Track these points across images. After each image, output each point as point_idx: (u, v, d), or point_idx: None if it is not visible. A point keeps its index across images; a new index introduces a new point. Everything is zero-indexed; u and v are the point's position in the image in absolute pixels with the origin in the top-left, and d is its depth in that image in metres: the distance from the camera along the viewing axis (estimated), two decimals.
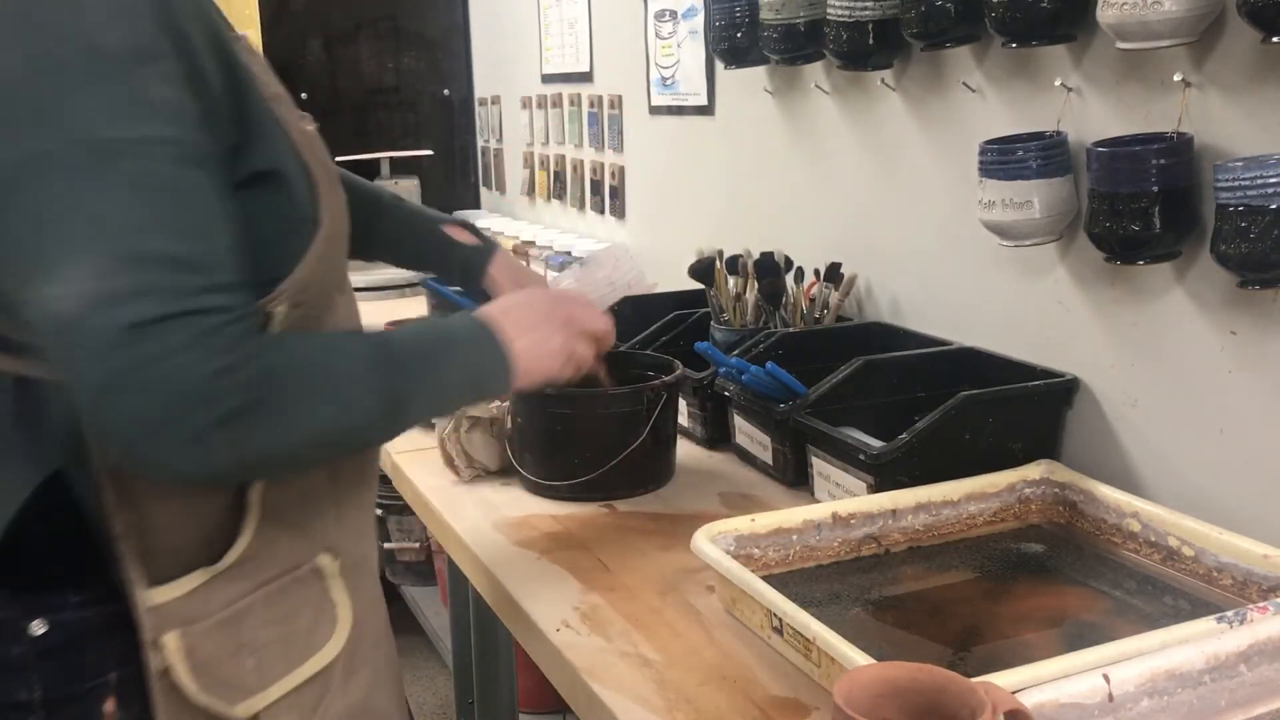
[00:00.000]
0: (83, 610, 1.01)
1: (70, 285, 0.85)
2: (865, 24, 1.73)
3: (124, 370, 0.85)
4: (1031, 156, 1.46)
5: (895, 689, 0.91)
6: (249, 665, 1.04)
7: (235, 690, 1.04)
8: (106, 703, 1.01)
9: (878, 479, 1.46)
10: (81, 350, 0.86)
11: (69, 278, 0.86)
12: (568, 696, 1.23)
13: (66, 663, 1.00)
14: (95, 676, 1.01)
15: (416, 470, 1.79)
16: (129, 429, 0.87)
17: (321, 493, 1.11)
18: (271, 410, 0.92)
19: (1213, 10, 1.27)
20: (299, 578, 1.09)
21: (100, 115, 0.88)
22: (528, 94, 3.42)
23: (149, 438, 0.87)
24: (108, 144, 0.88)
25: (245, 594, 1.04)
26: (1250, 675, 1.01)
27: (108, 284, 0.86)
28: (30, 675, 0.99)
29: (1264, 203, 1.19)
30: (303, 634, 1.09)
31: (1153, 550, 1.34)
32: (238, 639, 1.04)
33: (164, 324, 0.86)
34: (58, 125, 0.87)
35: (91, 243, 0.87)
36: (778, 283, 1.94)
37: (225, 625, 1.03)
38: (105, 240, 0.87)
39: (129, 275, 0.86)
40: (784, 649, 1.18)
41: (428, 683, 3.20)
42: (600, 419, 1.62)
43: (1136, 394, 1.48)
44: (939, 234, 1.79)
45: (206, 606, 1.02)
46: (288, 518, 1.07)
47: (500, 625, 1.89)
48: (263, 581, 1.06)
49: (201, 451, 0.89)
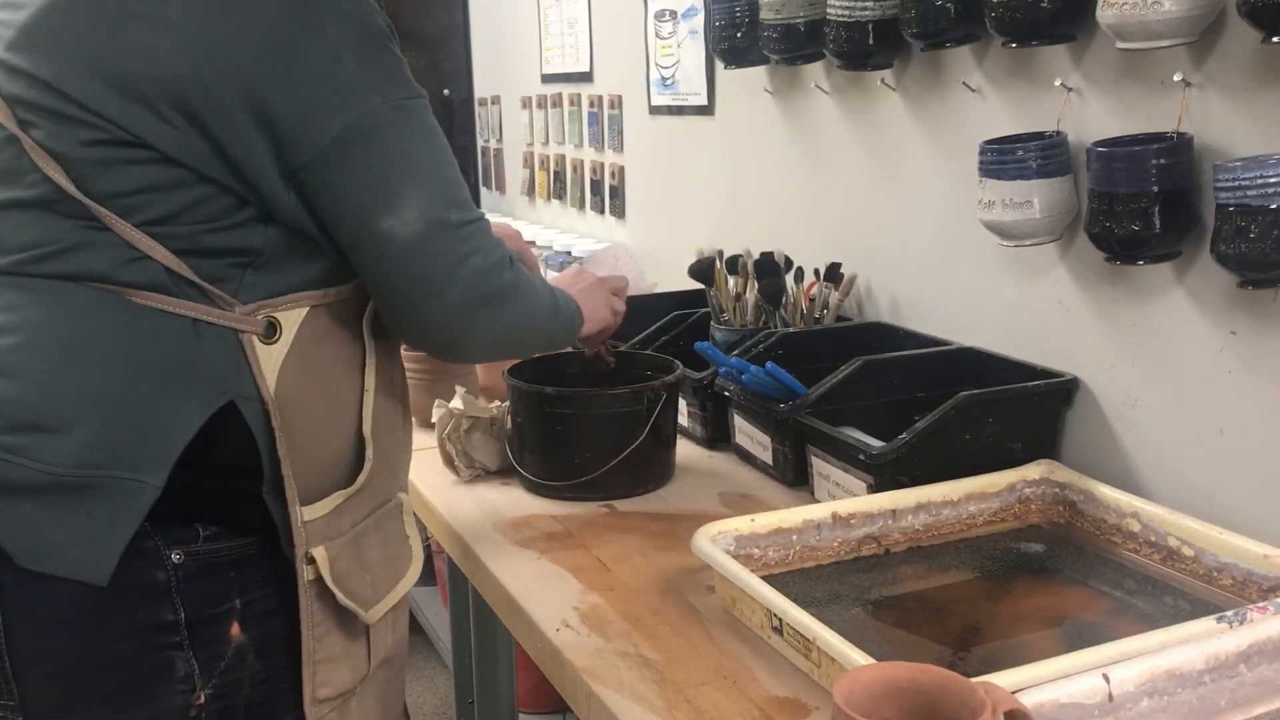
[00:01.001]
0: (209, 545, 1.15)
1: (414, 210, 1.15)
2: (865, 24, 1.73)
3: (452, 266, 1.18)
4: (1031, 156, 1.46)
5: (895, 689, 0.91)
6: (367, 580, 1.23)
7: (361, 600, 1.22)
8: (233, 626, 1.17)
9: (878, 479, 1.46)
10: (426, 258, 1.16)
11: (413, 205, 1.15)
12: (568, 696, 1.23)
13: (201, 589, 1.15)
14: (223, 602, 1.16)
15: (416, 470, 1.77)
16: (458, 312, 1.20)
17: (400, 437, 1.32)
18: (524, 291, 1.28)
19: (1213, 10, 1.27)
20: (390, 510, 1.29)
21: (392, 80, 1.15)
22: (528, 94, 3.42)
23: (470, 315, 1.21)
24: (404, 102, 1.15)
25: (364, 517, 1.24)
26: (1250, 675, 1.01)
27: (435, 205, 1.17)
28: (174, 598, 1.13)
29: (1264, 203, 1.19)
30: (395, 559, 1.29)
31: (1153, 550, 1.34)
32: (360, 556, 1.23)
33: (467, 228, 1.19)
34: (373, 92, 1.13)
35: (418, 177, 1.16)
36: (778, 283, 1.94)
37: (352, 544, 1.22)
38: (425, 174, 1.17)
39: (443, 198, 1.18)
40: (784, 649, 1.18)
41: (428, 683, 3.20)
42: (600, 419, 1.62)
43: (1136, 394, 1.48)
44: (939, 234, 1.79)
45: (340, 525, 1.20)
46: (386, 454, 1.27)
47: (500, 625, 1.89)
48: (373, 508, 1.25)
49: (496, 320, 1.24)
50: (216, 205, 1.11)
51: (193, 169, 1.09)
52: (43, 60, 1.10)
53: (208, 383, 1.13)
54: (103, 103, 1.08)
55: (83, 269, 1.11)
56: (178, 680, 1.14)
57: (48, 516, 1.10)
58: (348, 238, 1.16)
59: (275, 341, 1.15)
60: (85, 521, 1.10)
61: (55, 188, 1.10)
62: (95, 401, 1.11)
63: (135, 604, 1.12)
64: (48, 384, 1.11)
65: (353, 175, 1.13)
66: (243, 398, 1.14)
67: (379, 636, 1.26)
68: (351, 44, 1.12)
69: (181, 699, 1.14)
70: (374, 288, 1.20)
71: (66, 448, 1.10)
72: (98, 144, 1.08)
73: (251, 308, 1.14)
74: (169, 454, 1.11)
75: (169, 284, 1.11)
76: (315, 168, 1.11)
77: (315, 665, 1.19)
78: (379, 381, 1.25)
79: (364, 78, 1.12)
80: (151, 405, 1.11)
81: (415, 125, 1.17)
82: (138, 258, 1.10)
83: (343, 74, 1.11)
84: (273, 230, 1.14)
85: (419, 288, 1.18)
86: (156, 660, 1.13)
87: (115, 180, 1.09)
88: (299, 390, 1.16)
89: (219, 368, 1.13)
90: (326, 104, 1.11)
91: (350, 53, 1.12)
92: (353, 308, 1.22)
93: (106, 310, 1.11)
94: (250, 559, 1.17)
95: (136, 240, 1.10)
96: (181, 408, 1.12)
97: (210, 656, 1.15)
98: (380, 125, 1.13)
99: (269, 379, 1.14)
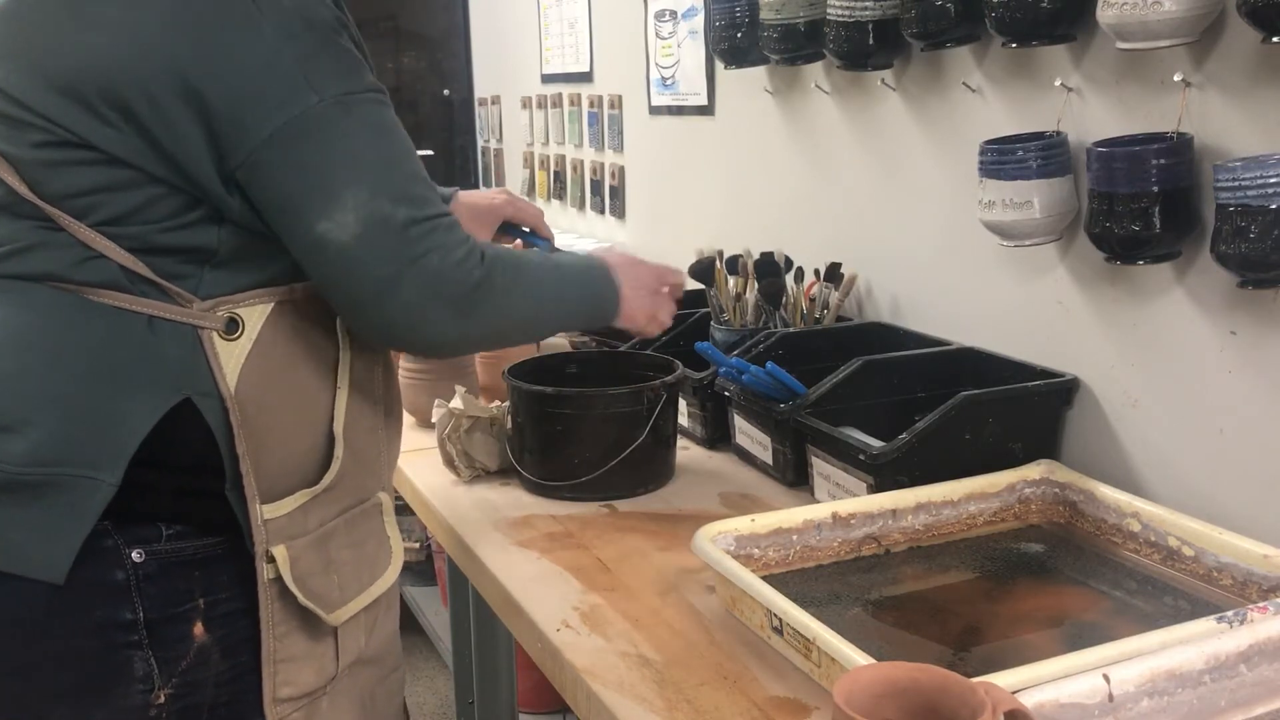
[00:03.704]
0: (172, 544, 1.14)
1: (351, 212, 1.09)
2: (865, 24, 1.73)
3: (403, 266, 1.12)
4: (1031, 156, 1.46)
5: (895, 689, 0.91)
6: (334, 581, 1.21)
7: (325, 601, 1.20)
8: (196, 625, 1.15)
9: (878, 479, 1.46)
10: (369, 259, 1.11)
11: (350, 206, 1.09)
12: (568, 696, 1.23)
13: (163, 588, 1.14)
14: (186, 602, 1.15)
15: (416, 470, 1.79)
16: (411, 313, 1.14)
17: (379, 436, 1.29)
18: (499, 287, 1.20)
19: (1213, 10, 1.27)
20: (366, 509, 1.27)
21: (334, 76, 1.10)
22: (528, 94, 3.42)
23: (425, 316, 1.15)
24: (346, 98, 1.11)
25: (332, 517, 1.22)
26: (1250, 675, 1.01)
27: (377, 205, 1.11)
28: (133, 597, 1.13)
29: (1264, 203, 1.19)
30: (369, 560, 1.27)
31: (1153, 550, 1.34)
32: (326, 556, 1.21)
33: (419, 226, 1.13)
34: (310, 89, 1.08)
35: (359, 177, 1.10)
36: (778, 283, 1.94)
37: (318, 543, 1.20)
38: (367, 173, 1.11)
39: (388, 196, 1.11)
40: (784, 649, 1.18)
41: (428, 683, 3.20)
42: (600, 419, 1.62)
43: (1136, 394, 1.48)
44: (939, 234, 1.79)
45: (305, 524, 1.19)
46: (360, 453, 1.25)
47: (500, 625, 1.90)
48: (344, 508, 1.23)
49: (459, 321, 1.17)
50: (169, 205, 1.10)
51: (140, 169, 1.09)
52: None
53: (163, 380, 1.12)
54: (47, 105, 1.08)
55: (39, 269, 1.11)
56: (136, 679, 1.13)
57: (4, 515, 1.10)
58: (287, 241, 1.13)
59: (237, 338, 1.13)
60: (41, 520, 1.10)
61: (9, 189, 1.10)
62: (51, 400, 1.11)
63: (93, 602, 1.12)
64: (4, 383, 1.11)
65: (287, 177, 1.09)
66: (200, 394, 1.12)
67: (349, 637, 1.25)
68: (291, 38, 1.09)
69: (140, 698, 1.14)
70: (322, 291, 1.17)
71: (22, 446, 1.10)
72: (46, 145, 1.09)
73: (210, 304, 1.13)
74: (124, 451, 1.10)
75: (124, 282, 1.11)
76: (249, 168, 1.09)
77: (276, 665, 1.18)
78: (353, 379, 1.23)
79: (302, 74, 1.09)
80: (106, 403, 1.11)
81: (360, 121, 1.12)
82: (92, 256, 1.10)
83: (279, 69, 1.08)
84: (226, 230, 1.13)
85: (364, 289, 1.13)
86: (115, 659, 1.13)
87: (66, 181, 1.09)
88: (263, 387, 1.15)
89: (175, 364, 1.12)
90: (260, 101, 1.07)
91: (288, 47, 1.08)
92: (323, 304, 1.20)
93: (63, 309, 1.11)
94: (217, 558, 1.16)
95: (91, 240, 1.10)
96: (136, 405, 1.11)
97: (171, 656, 1.14)
98: (317, 124, 1.09)
99: (229, 375, 1.13)
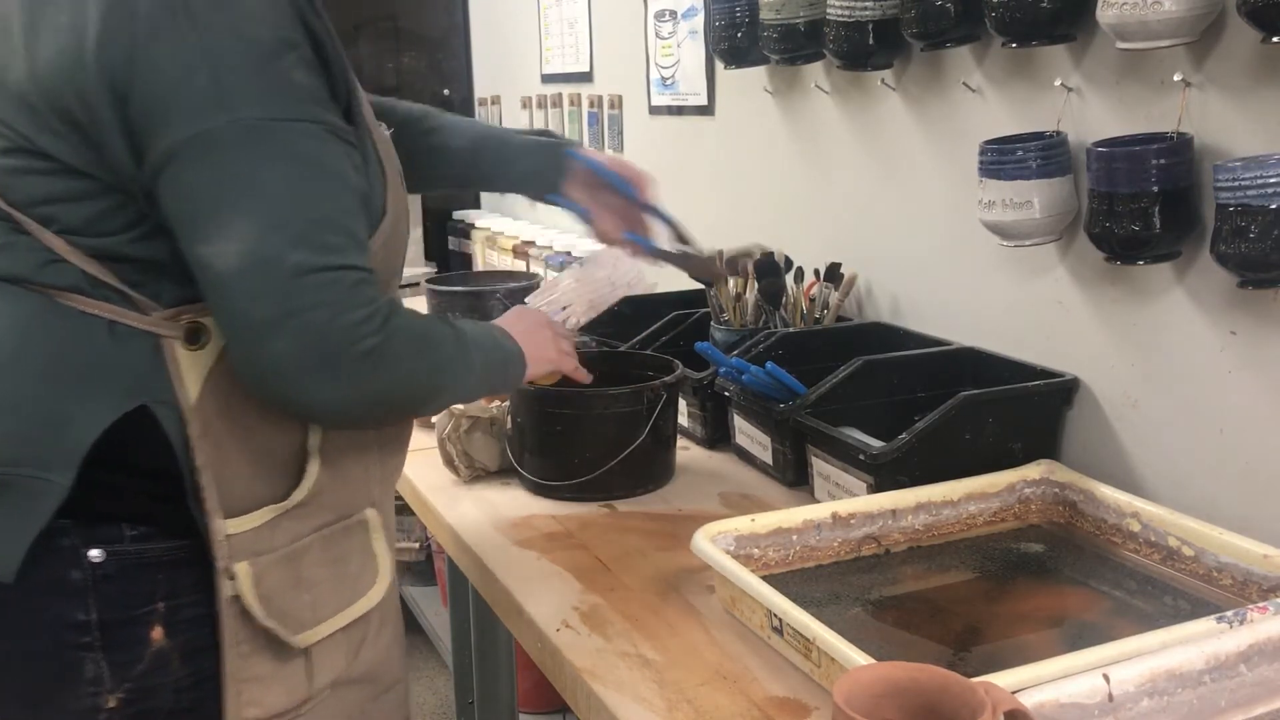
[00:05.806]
0: (136, 545, 1.12)
1: (235, 243, 1.03)
2: (865, 24, 1.73)
3: (281, 314, 1.03)
4: (1031, 156, 1.46)
5: (895, 689, 0.91)
6: (305, 600, 1.17)
7: (293, 621, 1.15)
8: (154, 629, 1.12)
9: (877, 479, 1.46)
10: (244, 297, 1.04)
11: (235, 236, 1.03)
12: (568, 696, 1.23)
13: (120, 589, 1.11)
14: (145, 605, 1.12)
15: (416, 470, 1.79)
16: (281, 365, 1.05)
17: (369, 450, 1.24)
18: (394, 358, 1.10)
19: (1213, 10, 1.27)
20: (349, 526, 1.22)
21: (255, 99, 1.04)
22: (528, 94, 3.42)
23: (298, 374, 1.06)
24: (262, 124, 1.04)
25: (305, 534, 1.17)
26: (1250, 675, 1.01)
27: (267, 242, 1.03)
28: (88, 598, 1.11)
29: (1264, 203, 1.19)
30: (351, 578, 1.22)
31: (1153, 550, 1.34)
32: (297, 574, 1.16)
33: (315, 275, 1.04)
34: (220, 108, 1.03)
35: (253, 207, 1.04)
36: (778, 283, 1.94)
37: (288, 560, 1.15)
38: (265, 205, 1.04)
39: (284, 235, 1.03)
40: (784, 649, 1.18)
41: (428, 683, 3.20)
42: (600, 419, 1.62)
43: (1136, 394, 1.48)
44: (939, 234, 1.79)
45: (273, 541, 1.14)
46: (342, 469, 1.20)
47: (500, 625, 1.89)
48: (320, 524, 1.18)
49: (336, 387, 1.07)
50: (125, 215, 1.09)
51: (95, 178, 1.08)
52: None
53: (120, 385, 1.10)
54: (6, 112, 1.08)
55: (9, 270, 1.11)
56: (85, 681, 1.11)
57: None
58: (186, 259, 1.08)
59: (201, 347, 1.11)
60: None
61: None
62: (7, 400, 1.10)
63: (46, 602, 1.11)
64: None
65: (179, 193, 1.05)
66: (158, 402, 1.10)
67: (326, 658, 1.19)
68: (215, 54, 1.04)
69: (89, 701, 1.11)
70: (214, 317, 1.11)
71: None
72: (11, 152, 1.09)
73: (171, 312, 1.11)
74: (75, 453, 1.09)
75: (86, 286, 1.10)
76: (154, 180, 1.06)
77: (240, 684, 1.13)
78: None
79: (217, 92, 1.03)
80: (61, 405, 1.10)
81: (278, 150, 1.05)
82: (55, 260, 1.10)
83: (194, 85, 1.03)
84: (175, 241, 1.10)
85: (234, 328, 1.06)
86: (65, 660, 1.11)
87: (30, 188, 1.09)
88: (228, 397, 1.12)
89: (134, 371, 1.10)
90: (170, 114, 1.04)
91: (209, 63, 1.03)
92: None
93: (26, 310, 1.11)
94: (183, 562, 1.13)
95: (54, 245, 1.09)
96: (89, 409, 1.10)
97: (124, 660, 1.12)
98: (220, 144, 1.03)
99: (191, 386, 1.10)
